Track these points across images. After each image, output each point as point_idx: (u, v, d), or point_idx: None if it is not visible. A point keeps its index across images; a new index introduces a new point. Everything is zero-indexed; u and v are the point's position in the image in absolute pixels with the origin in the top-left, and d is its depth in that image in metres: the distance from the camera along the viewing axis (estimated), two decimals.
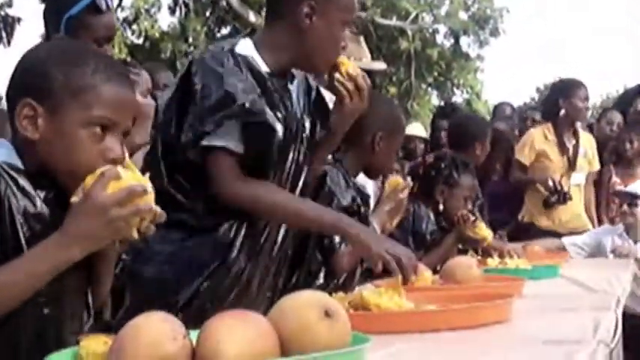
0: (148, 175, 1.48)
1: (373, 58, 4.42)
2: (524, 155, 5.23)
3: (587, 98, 5.24)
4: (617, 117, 6.15)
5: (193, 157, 2.04)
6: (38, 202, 1.46)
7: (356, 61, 4.20)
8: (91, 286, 1.56)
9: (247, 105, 2.02)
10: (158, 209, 1.44)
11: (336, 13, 2.16)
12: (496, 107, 7.18)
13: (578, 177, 5.26)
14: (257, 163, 2.09)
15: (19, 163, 1.48)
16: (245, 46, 2.15)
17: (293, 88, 2.24)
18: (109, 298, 1.66)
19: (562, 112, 5.15)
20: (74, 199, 1.41)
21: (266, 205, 2.10)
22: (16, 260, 1.39)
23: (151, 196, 1.42)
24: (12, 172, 1.45)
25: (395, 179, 3.03)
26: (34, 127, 1.46)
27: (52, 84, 1.46)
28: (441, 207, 3.57)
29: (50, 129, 1.46)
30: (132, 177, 1.43)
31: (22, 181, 1.45)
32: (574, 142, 5.24)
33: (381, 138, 2.83)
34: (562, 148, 5.19)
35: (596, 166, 5.40)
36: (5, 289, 1.38)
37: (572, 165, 5.20)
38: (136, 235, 1.43)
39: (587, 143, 5.35)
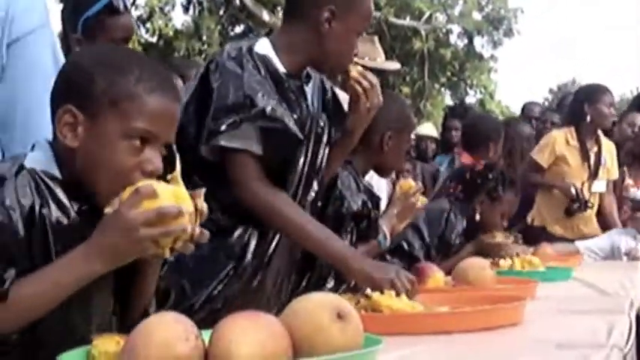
0: (203, 191, 1.43)
1: (387, 58, 4.40)
2: (543, 158, 5.12)
3: (612, 104, 5.17)
4: (638, 118, 6.10)
5: (205, 154, 2.05)
6: (72, 214, 1.44)
7: (370, 60, 4.21)
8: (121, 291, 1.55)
9: (268, 111, 2.04)
10: (197, 230, 1.39)
11: (355, 20, 2.19)
12: (524, 107, 7.08)
13: (599, 185, 5.19)
14: (278, 167, 2.09)
15: (56, 171, 1.46)
16: (263, 46, 2.16)
17: (308, 89, 2.24)
18: (153, 299, 1.63)
19: (588, 117, 5.08)
20: (108, 209, 1.38)
21: (280, 217, 2.11)
22: (43, 270, 1.37)
23: (185, 218, 1.36)
24: (49, 182, 1.43)
25: (407, 182, 3.00)
26: (74, 135, 1.43)
27: (94, 91, 1.43)
28: (478, 217, 3.55)
29: (90, 137, 1.43)
30: (171, 195, 1.37)
31: (59, 192, 1.43)
32: (596, 149, 5.13)
33: (390, 137, 2.81)
34: (584, 154, 5.08)
35: (615, 175, 5.31)
36: (32, 299, 1.36)
37: (593, 173, 5.12)
38: (167, 254, 1.40)
39: (608, 151, 5.27)
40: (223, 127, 2.01)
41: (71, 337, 1.38)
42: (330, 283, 2.59)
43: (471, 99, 18.45)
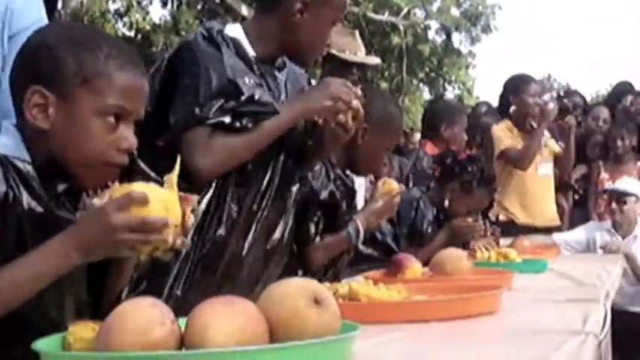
0: (195, 198, 1.40)
1: (364, 53, 4.40)
2: (511, 144, 5.11)
3: (538, 93, 5.16)
4: (603, 112, 6.14)
5: (167, 140, 2.01)
6: (45, 199, 1.42)
7: (351, 54, 4.20)
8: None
9: (256, 97, 2.04)
10: (179, 241, 1.37)
11: (327, 11, 2.19)
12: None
13: (546, 167, 5.21)
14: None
15: (26, 155, 1.44)
16: (234, 30, 2.16)
17: (281, 76, 2.24)
18: (126, 287, 1.61)
19: (512, 108, 5.09)
20: (96, 200, 1.34)
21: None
22: (20, 261, 1.34)
23: (169, 230, 1.33)
24: (20, 167, 1.41)
25: (389, 182, 2.96)
26: (45, 116, 1.41)
27: (63, 70, 1.41)
28: (447, 203, 3.56)
29: (62, 117, 1.41)
30: (161, 205, 1.33)
31: (30, 177, 1.41)
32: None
33: (366, 130, 2.75)
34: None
35: (556, 147, 5.30)
36: (9, 290, 1.34)
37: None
38: (143, 258, 1.39)
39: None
40: (212, 114, 2.00)
41: (45, 325, 1.37)
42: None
43: (449, 94, 18.54)
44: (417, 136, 7.22)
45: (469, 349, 1.50)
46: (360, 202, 3.07)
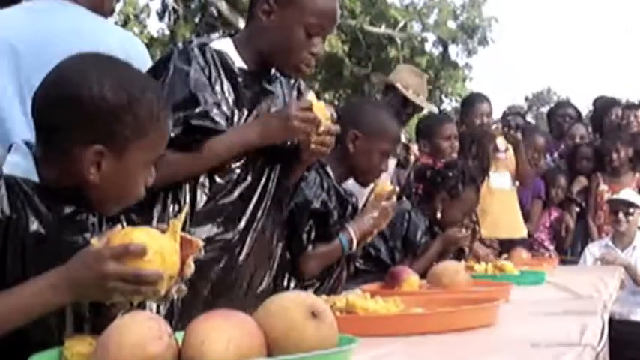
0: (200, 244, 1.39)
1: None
2: None
3: (485, 114, 5.14)
4: (579, 130, 6.13)
5: None
6: (49, 222, 1.42)
7: (414, 94, 4.38)
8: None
9: (210, 114, 2.05)
10: (174, 290, 1.36)
11: (294, 12, 2.15)
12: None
13: (500, 180, 5.19)
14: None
15: (35, 176, 1.44)
16: (221, 43, 2.18)
17: (272, 87, 2.24)
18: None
19: (463, 127, 5.10)
20: (94, 241, 1.34)
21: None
22: (12, 292, 1.34)
23: (163, 283, 1.32)
24: (28, 191, 1.42)
25: (381, 185, 2.95)
26: (97, 170, 1.43)
27: (123, 128, 1.43)
28: (439, 215, 3.56)
29: (114, 170, 1.44)
30: (159, 257, 1.31)
31: (37, 200, 1.42)
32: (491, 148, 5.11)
33: (358, 138, 2.77)
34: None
35: (513, 164, 5.27)
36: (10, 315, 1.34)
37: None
38: (135, 303, 1.39)
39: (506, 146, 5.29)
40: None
41: (44, 338, 1.37)
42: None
43: (446, 107, 18.53)
44: (415, 147, 7.23)
45: None
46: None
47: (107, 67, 1.48)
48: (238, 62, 2.17)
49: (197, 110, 2.04)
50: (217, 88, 2.12)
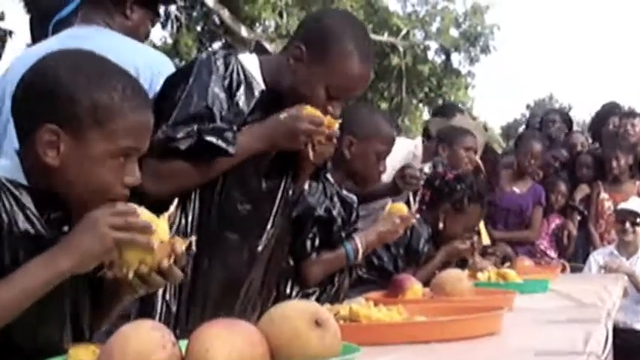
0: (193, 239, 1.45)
1: None
2: None
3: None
4: (579, 138, 6.16)
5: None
6: (39, 224, 1.41)
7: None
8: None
9: (225, 135, 2.03)
10: (166, 262, 1.38)
11: (321, 70, 2.12)
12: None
13: None
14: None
15: (23, 179, 1.43)
16: (247, 58, 2.18)
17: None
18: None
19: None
20: None
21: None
22: (10, 277, 1.34)
23: (154, 236, 1.36)
24: (15, 192, 1.41)
25: (397, 205, 2.96)
26: (55, 153, 1.41)
27: (79, 112, 1.41)
28: (441, 225, 3.56)
29: (72, 155, 1.42)
30: (148, 217, 1.39)
31: (27, 201, 1.41)
32: None
33: (352, 143, 2.80)
34: None
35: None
36: (2, 308, 1.33)
37: None
38: (131, 275, 1.38)
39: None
40: (180, 135, 2.00)
41: (46, 346, 1.37)
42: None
43: None
44: None
45: None
46: None
47: (72, 55, 1.49)
48: (259, 81, 2.15)
49: (211, 126, 2.02)
50: (236, 98, 2.10)
